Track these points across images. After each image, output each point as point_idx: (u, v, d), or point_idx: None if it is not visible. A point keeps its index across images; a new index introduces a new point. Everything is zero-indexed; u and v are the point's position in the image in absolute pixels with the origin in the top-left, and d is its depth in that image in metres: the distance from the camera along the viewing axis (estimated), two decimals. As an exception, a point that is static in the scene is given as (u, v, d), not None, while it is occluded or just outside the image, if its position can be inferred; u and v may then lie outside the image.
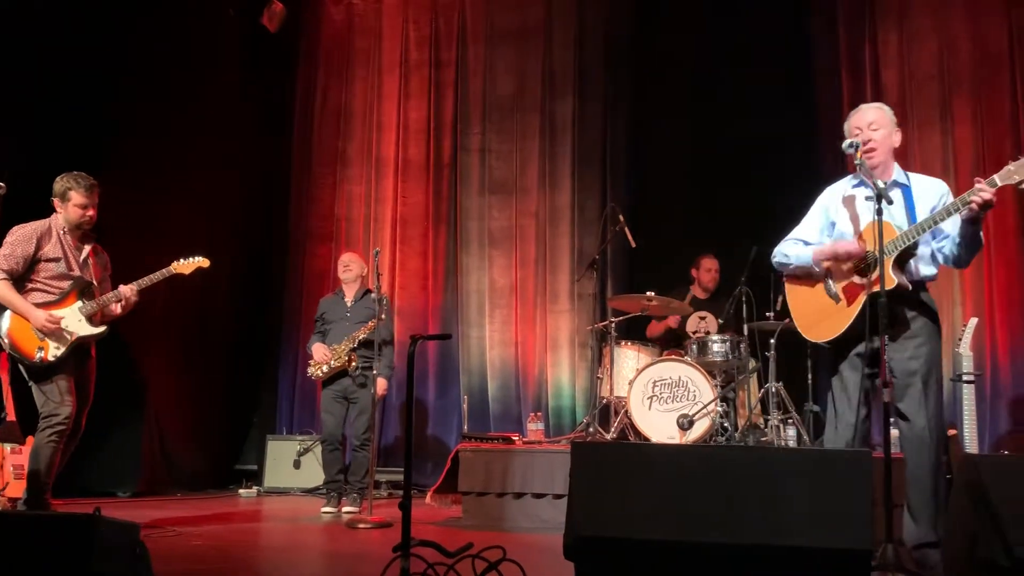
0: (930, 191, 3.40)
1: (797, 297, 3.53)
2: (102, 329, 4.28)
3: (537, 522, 4.78)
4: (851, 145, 3.32)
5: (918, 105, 6.54)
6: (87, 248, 4.35)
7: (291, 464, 6.78)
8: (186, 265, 4.50)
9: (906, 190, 3.34)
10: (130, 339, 5.74)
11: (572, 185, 7.25)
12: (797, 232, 3.59)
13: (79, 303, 4.24)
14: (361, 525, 4.69)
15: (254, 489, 6.73)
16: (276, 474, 6.79)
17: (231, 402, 7.35)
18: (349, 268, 5.86)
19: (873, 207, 3.13)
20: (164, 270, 4.42)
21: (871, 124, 3.40)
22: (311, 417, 7.15)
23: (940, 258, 3.39)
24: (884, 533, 2.83)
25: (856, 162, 3.29)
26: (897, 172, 3.43)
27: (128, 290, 4.30)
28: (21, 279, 4.17)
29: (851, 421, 3.26)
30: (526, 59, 7.45)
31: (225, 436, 7.30)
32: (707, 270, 6.35)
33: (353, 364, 5.50)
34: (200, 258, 4.56)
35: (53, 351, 4.12)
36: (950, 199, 3.37)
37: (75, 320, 4.19)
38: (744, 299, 5.43)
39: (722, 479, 2.16)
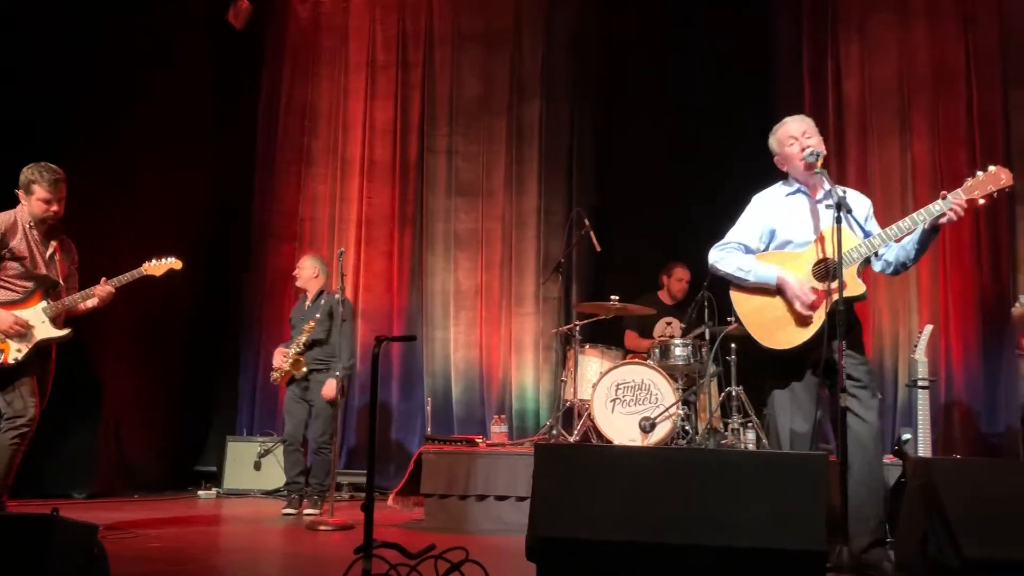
0: (859, 202, 3.49)
1: (748, 304, 3.50)
2: (66, 332, 4.15)
3: (500, 524, 4.79)
4: (813, 154, 3.40)
5: (878, 115, 6.66)
6: (53, 244, 4.19)
7: (251, 465, 6.72)
8: (157, 266, 4.38)
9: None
10: (87, 338, 5.63)
11: (539, 188, 7.27)
12: (737, 236, 3.59)
13: (43, 303, 4.10)
14: (322, 527, 4.66)
15: (213, 491, 6.65)
16: (236, 476, 6.72)
17: (190, 402, 7.24)
18: (297, 275, 5.86)
19: (823, 214, 3.21)
20: (135, 271, 4.30)
21: (805, 133, 3.48)
22: (272, 418, 7.09)
23: (880, 265, 3.48)
24: (839, 535, 2.89)
25: (816, 172, 3.36)
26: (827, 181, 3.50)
27: (102, 290, 4.18)
28: None
29: (809, 426, 3.32)
30: (493, 62, 7.47)
31: (184, 437, 7.20)
32: (678, 279, 6.41)
33: (303, 369, 5.48)
34: (172, 259, 4.43)
35: (14, 354, 3.99)
36: (871, 212, 3.53)
37: (38, 322, 4.05)
38: (706, 304, 5.50)
39: (682, 481, 2.19)
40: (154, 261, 4.41)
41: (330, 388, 5.38)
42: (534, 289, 7.13)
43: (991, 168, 3.24)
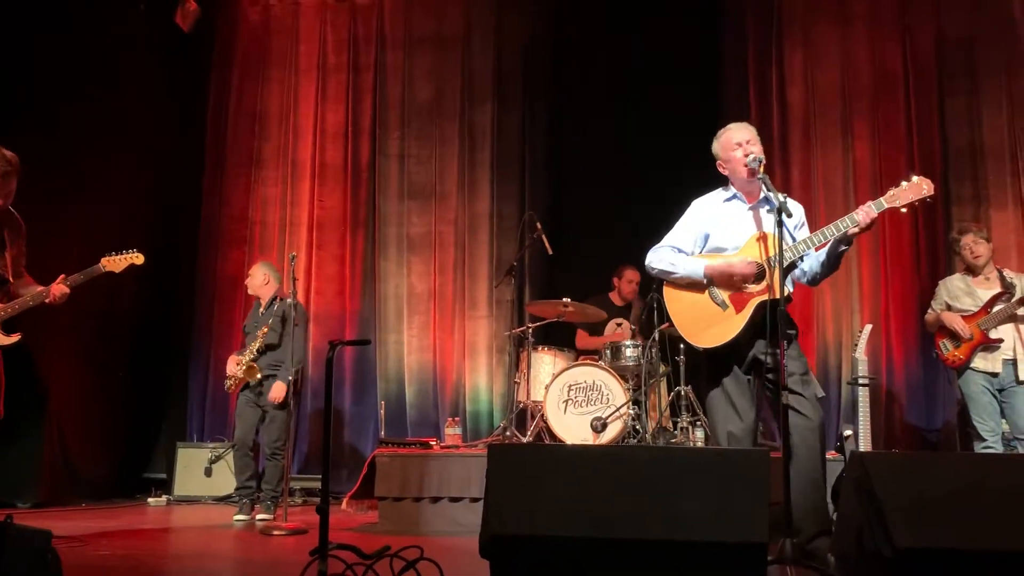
0: (794, 209, 3.54)
1: (679, 303, 3.61)
2: (15, 338, 3.95)
3: (454, 525, 4.81)
4: (756, 160, 3.50)
5: (821, 122, 6.86)
6: None
7: (202, 472, 6.65)
8: (117, 261, 4.11)
9: (773, 206, 3.49)
10: (30, 340, 5.47)
11: (491, 191, 7.33)
12: (671, 240, 3.70)
13: None
14: (275, 532, 4.65)
15: (163, 498, 6.56)
16: (186, 482, 6.64)
17: (139, 408, 7.12)
18: (246, 284, 5.84)
19: (757, 218, 3.33)
20: (93, 268, 4.07)
21: (749, 140, 3.57)
22: (222, 424, 7.02)
23: (797, 272, 3.60)
24: (784, 528, 2.99)
25: (759, 177, 3.46)
26: (764, 189, 3.60)
27: (58, 290, 3.95)
28: None
29: (742, 424, 3.41)
30: (445, 65, 7.50)
31: (132, 443, 7.08)
32: (628, 280, 6.50)
33: (258, 375, 5.45)
34: (134, 252, 4.16)
35: None
36: (804, 219, 3.63)
37: None
38: (656, 306, 5.59)
39: (630, 478, 2.26)
40: (113, 255, 4.16)
41: (278, 391, 5.36)
42: (487, 292, 7.18)
43: (914, 178, 3.36)
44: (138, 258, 4.18)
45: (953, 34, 6.67)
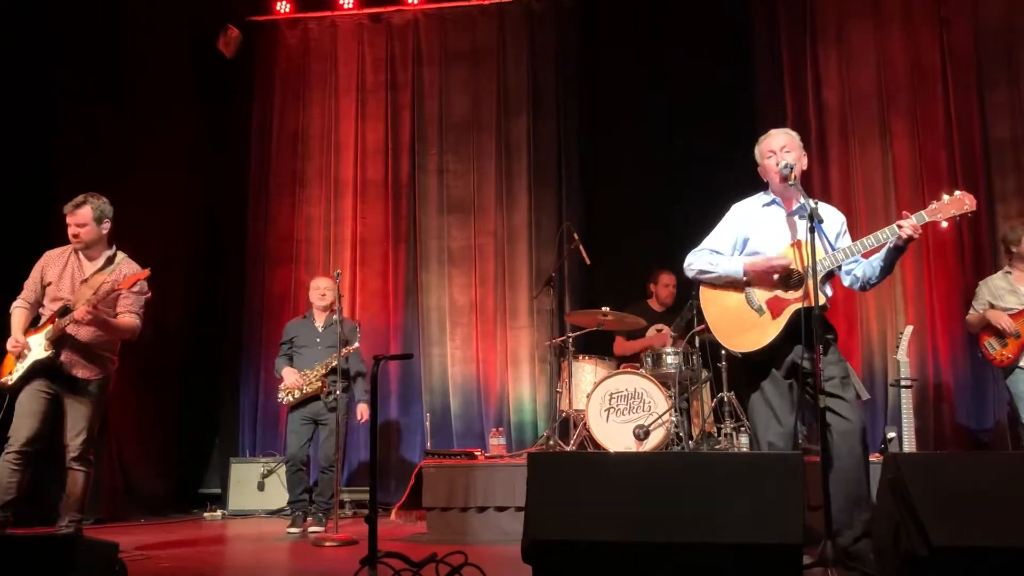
0: (832, 218, 3.61)
1: (715, 305, 3.66)
2: (45, 355, 4.12)
3: (500, 534, 4.87)
4: (787, 167, 3.53)
5: (859, 121, 6.81)
6: (93, 267, 4.31)
7: (255, 486, 6.81)
8: (124, 281, 4.26)
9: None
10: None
11: (528, 203, 7.40)
12: (709, 243, 3.74)
13: (50, 327, 4.16)
14: (327, 543, 4.76)
15: (218, 512, 6.72)
16: (240, 496, 6.80)
17: (192, 425, 7.32)
18: (325, 296, 5.95)
19: (795, 225, 3.35)
20: (104, 288, 4.22)
21: (784, 147, 3.60)
22: (274, 439, 7.18)
23: (848, 279, 3.61)
24: (823, 531, 3.01)
25: (790, 183, 3.49)
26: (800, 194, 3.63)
27: (81, 312, 4.10)
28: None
29: (782, 431, 3.44)
30: (480, 80, 7.60)
31: (187, 460, 7.29)
32: (665, 285, 6.52)
33: (327, 391, 5.58)
34: (143, 270, 4.31)
35: (13, 376, 4.12)
36: (845, 228, 3.65)
37: (37, 344, 4.14)
38: (696, 312, 5.61)
39: (667, 483, 2.32)
40: None
41: (365, 412, 5.70)
42: (527, 303, 7.25)
43: (956, 193, 3.40)
44: (143, 273, 4.30)
45: (991, 25, 6.57)
